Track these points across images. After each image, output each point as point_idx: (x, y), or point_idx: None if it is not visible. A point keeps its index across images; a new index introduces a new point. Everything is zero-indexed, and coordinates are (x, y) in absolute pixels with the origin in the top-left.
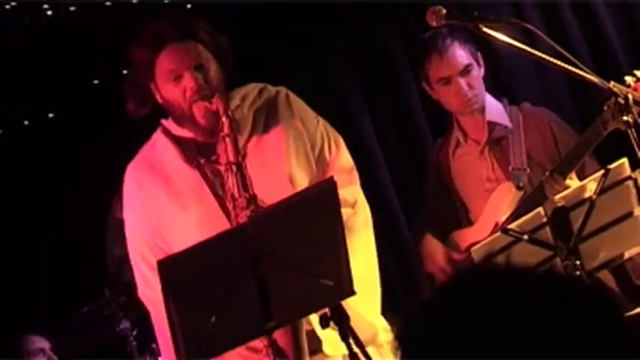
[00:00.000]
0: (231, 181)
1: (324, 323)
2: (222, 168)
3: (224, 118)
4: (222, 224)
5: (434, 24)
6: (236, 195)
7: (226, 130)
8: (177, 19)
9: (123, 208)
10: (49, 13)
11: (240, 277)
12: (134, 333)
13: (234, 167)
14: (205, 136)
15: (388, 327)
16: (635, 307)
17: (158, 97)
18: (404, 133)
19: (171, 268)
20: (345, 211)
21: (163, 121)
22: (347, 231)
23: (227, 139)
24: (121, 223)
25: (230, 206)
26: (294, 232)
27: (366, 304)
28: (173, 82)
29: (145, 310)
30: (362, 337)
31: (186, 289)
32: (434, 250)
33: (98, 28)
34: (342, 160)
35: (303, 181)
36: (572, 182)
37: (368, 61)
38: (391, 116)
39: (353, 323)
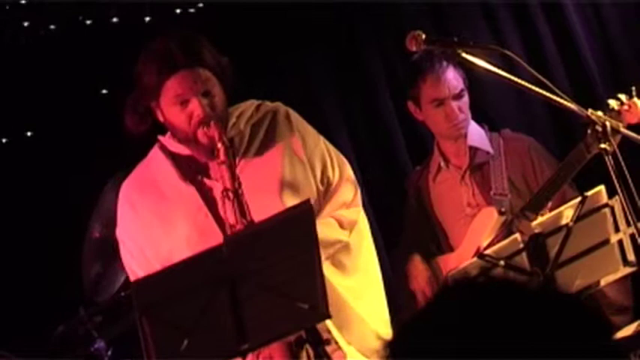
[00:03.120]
0: (228, 208)
1: (299, 346)
2: (218, 193)
3: (219, 145)
4: (218, 240)
5: (413, 48)
6: (233, 221)
7: (222, 157)
8: (186, 44)
9: (118, 227)
10: (29, 31)
11: (215, 298)
12: (109, 353)
13: (230, 194)
14: (207, 156)
15: None
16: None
17: (160, 116)
18: (383, 157)
19: (146, 288)
20: (342, 237)
21: (160, 138)
22: (347, 255)
23: (223, 166)
24: (97, 243)
25: (227, 227)
26: (270, 254)
27: (372, 318)
28: (179, 107)
29: (122, 329)
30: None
31: (161, 310)
32: (420, 271)
33: (78, 46)
34: (347, 181)
35: (303, 197)
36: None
37: (348, 83)
38: (370, 141)
39: (364, 339)
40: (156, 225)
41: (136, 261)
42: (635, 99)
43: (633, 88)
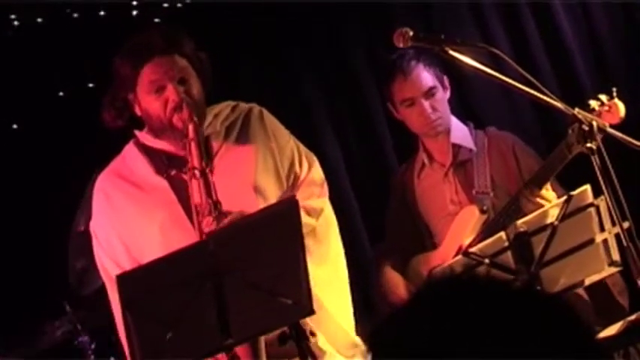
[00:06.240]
0: (194, 186)
1: (282, 341)
2: (186, 174)
3: (189, 123)
4: (189, 234)
5: (401, 45)
6: (199, 201)
7: (191, 134)
8: (164, 33)
9: (92, 220)
10: (16, 23)
11: (200, 293)
12: (93, 346)
13: (197, 172)
14: (184, 144)
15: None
16: (615, 322)
17: (137, 108)
18: (370, 155)
19: (130, 283)
20: (310, 221)
21: (137, 132)
22: (314, 240)
23: (192, 144)
24: (83, 236)
25: (194, 212)
26: (255, 249)
27: (338, 310)
28: (154, 94)
29: (106, 322)
30: (339, 344)
31: (145, 304)
32: (396, 284)
33: (65, 40)
34: (314, 175)
35: (271, 195)
36: (549, 193)
37: (334, 81)
38: (357, 138)
39: (331, 331)
40: (130, 218)
41: (107, 254)
42: (616, 100)
43: (614, 89)
